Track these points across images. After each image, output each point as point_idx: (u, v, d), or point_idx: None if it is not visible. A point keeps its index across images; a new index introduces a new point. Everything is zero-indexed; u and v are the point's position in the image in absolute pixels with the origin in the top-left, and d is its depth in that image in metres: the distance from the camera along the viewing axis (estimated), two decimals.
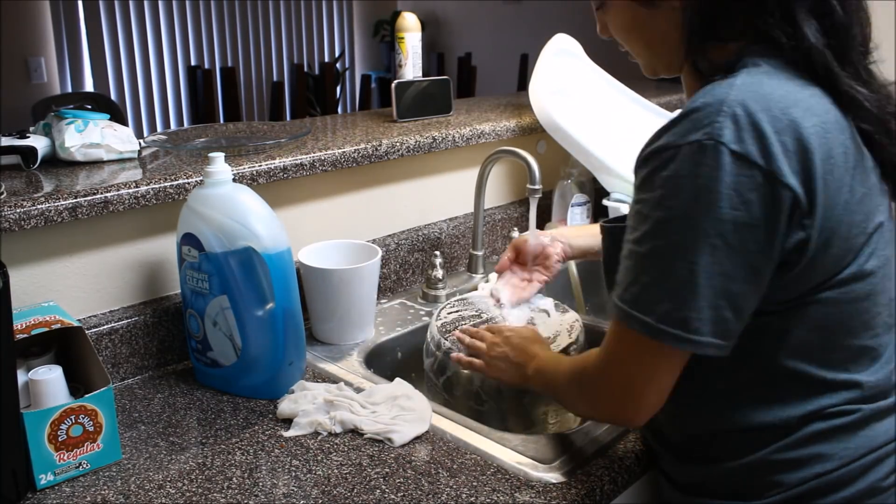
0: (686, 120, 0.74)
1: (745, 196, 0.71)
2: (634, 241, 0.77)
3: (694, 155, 0.72)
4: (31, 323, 0.95)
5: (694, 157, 0.72)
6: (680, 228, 0.73)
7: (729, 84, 0.75)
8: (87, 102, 3.99)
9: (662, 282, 0.74)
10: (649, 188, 0.75)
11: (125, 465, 0.95)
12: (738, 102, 0.72)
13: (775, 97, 0.74)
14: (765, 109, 0.72)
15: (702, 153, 0.71)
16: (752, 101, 0.73)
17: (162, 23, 5.14)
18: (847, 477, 0.80)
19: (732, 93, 0.73)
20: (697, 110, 0.74)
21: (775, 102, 0.73)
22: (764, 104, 0.73)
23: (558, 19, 4.96)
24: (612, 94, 1.79)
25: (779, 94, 0.74)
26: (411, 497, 0.88)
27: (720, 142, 0.71)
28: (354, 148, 1.38)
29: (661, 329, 0.74)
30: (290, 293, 1.08)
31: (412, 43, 1.68)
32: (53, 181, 1.14)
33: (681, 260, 0.73)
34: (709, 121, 0.72)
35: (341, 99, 5.86)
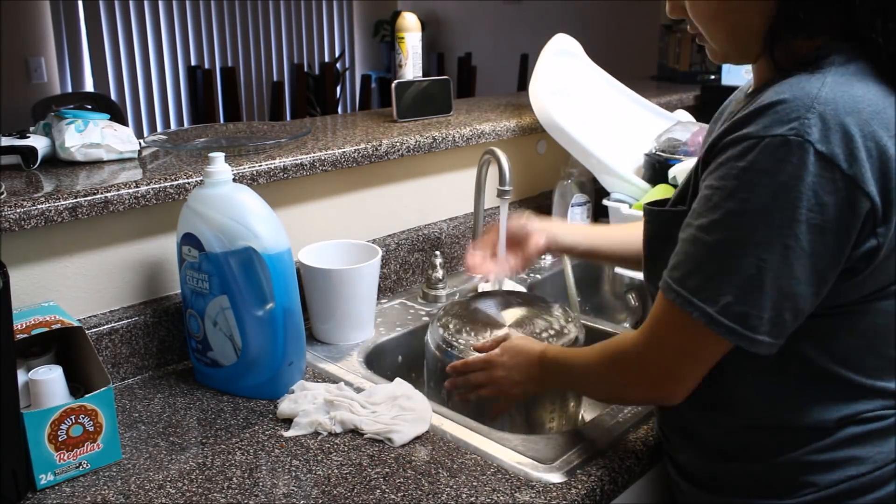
0: (771, 111, 0.71)
1: (824, 199, 0.69)
2: (701, 227, 0.75)
3: (777, 150, 0.70)
4: (31, 323, 0.95)
5: (776, 153, 0.70)
6: (753, 224, 0.71)
7: (819, 81, 0.72)
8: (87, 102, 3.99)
9: (729, 275, 0.73)
10: (724, 177, 0.73)
11: (125, 465, 0.95)
12: (829, 101, 0.70)
13: (865, 101, 0.72)
14: (854, 112, 0.70)
15: (786, 149, 0.69)
16: (843, 102, 0.71)
17: (162, 23, 5.14)
18: (879, 480, 0.80)
19: (824, 91, 0.71)
20: (784, 103, 0.71)
21: (865, 106, 0.71)
22: (853, 106, 0.71)
23: (558, 19, 4.96)
24: (612, 94, 1.79)
25: (868, 98, 0.72)
26: (411, 497, 0.88)
27: (807, 139, 0.69)
28: (354, 148, 1.38)
29: (720, 321, 0.73)
30: (290, 293, 1.08)
31: (412, 43, 1.68)
32: (53, 181, 1.14)
33: (750, 256, 0.71)
34: (796, 115, 0.70)
35: (341, 99, 5.86)
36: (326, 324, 1.28)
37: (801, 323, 0.76)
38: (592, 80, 1.77)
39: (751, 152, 0.71)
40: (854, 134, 0.70)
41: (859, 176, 0.70)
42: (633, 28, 4.52)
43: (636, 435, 1.03)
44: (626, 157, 1.69)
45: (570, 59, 1.74)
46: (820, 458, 0.81)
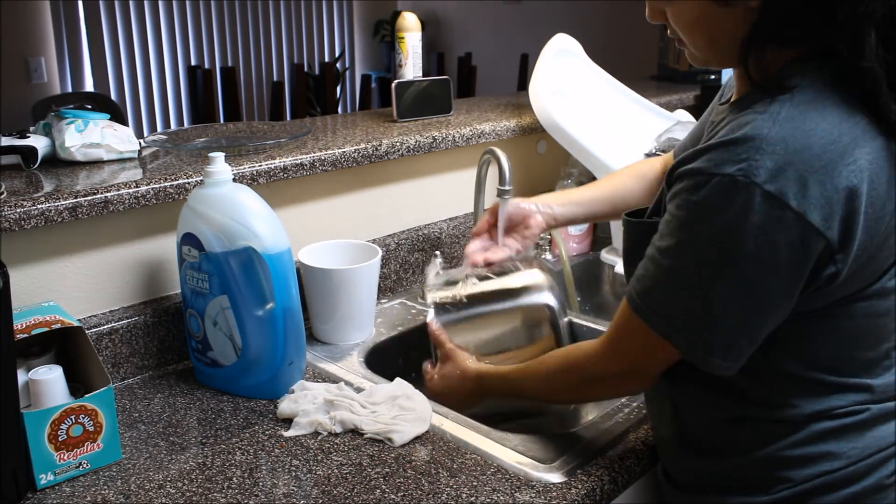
0: (724, 149, 0.73)
1: (772, 237, 0.71)
2: (659, 249, 0.79)
3: (725, 189, 0.71)
4: (31, 323, 0.95)
5: (724, 192, 0.72)
6: (702, 257, 0.74)
7: (772, 117, 0.73)
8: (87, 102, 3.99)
9: (681, 300, 0.77)
10: (679, 206, 0.76)
11: (125, 465, 0.95)
12: (779, 140, 0.71)
13: (817, 134, 0.72)
14: (805, 148, 0.71)
15: (733, 189, 0.71)
16: (793, 140, 0.71)
17: (162, 23, 5.14)
18: (854, 475, 0.80)
19: (775, 129, 0.72)
20: (737, 142, 0.73)
21: (817, 139, 0.72)
22: (805, 142, 0.71)
23: (558, 19, 4.96)
24: (612, 94, 1.79)
25: (822, 128, 0.72)
26: (411, 497, 0.88)
27: (754, 181, 0.70)
28: (354, 148, 1.38)
29: (679, 339, 0.78)
30: (290, 293, 1.08)
31: (412, 43, 1.68)
32: (53, 181, 1.14)
33: (699, 287, 0.75)
34: (746, 156, 0.71)
35: (341, 99, 5.87)
36: (326, 324, 1.28)
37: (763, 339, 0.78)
38: (592, 80, 1.77)
39: (702, 188, 0.73)
40: (803, 172, 0.70)
41: (810, 213, 0.70)
42: (633, 28, 4.52)
43: (636, 435, 1.03)
44: (626, 157, 1.69)
45: (570, 59, 1.74)
46: (794, 452, 0.81)
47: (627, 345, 0.85)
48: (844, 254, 0.73)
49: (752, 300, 0.74)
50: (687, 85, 2.39)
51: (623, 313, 0.84)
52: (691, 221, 0.75)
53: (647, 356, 0.83)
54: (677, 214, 0.76)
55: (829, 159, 0.71)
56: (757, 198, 0.70)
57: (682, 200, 0.75)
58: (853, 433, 0.81)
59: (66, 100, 4.19)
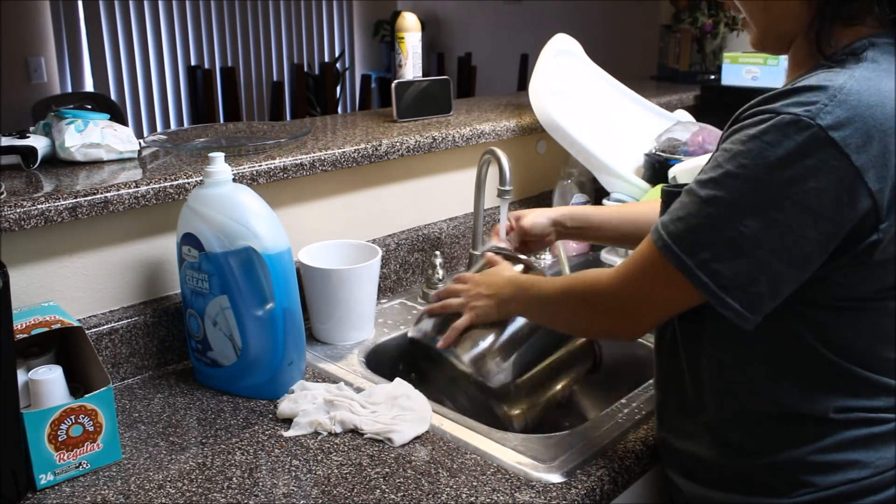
0: (795, 93, 0.72)
1: (823, 184, 0.70)
2: (698, 182, 0.77)
3: (787, 126, 0.71)
4: (31, 323, 0.95)
5: (786, 128, 0.71)
6: (745, 189, 0.72)
7: (849, 73, 0.73)
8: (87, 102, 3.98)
9: (710, 232, 0.74)
10: (734, 141, 0.74)
11: (125, 465, 0.95)
12: (853, 92, 0.71)
13: (892, 97, 0.72)
14: (877, 105, 0.71)
15: (795, 127, 0.70)
16: (867, 95, 0.71)
17: (162, 23, 5.14)
18: (879, 484, 0.80)
19: (850, 82, 0.72)
20: (809, 88, 0.72)
21: (891, 101, 0.71)
22: (878, 100, 0.71)
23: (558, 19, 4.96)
24: (612, 94, 1.79)
25: None
26: (411, 497, 0.88)
27: (819, 123, 0.69)
28: (354, 148, 1.38)
29: (695, 273, 0.75)
30: (290, 293, 1.08)
31: (412, 43, 1.68)
32: (53, 181, 1.14)
33: (734, 219, 0.73)
34: (816, 99, 0.71)
35: (341, 99, 5.87)
36: (326, 324, 1.28)
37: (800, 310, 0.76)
38: (592, 80, 1.77)
39: (763, 124, 0.72)
40: (871, 127, 0.70)
41: (864, 169, 0.70)
42: (633, 28, 4.52)
43: (636, 435, 1.03)
44: (626, 157, 1.69)
45: (570, 59, 1.74)
46: (822, 458, 0.80)
47: (641, 274, 0.82)
48: (889, 223, 0.72)
49: (785, 245, 0.72)
50: (687, 85, 2.39)
51: (646, 243, 0.81)
52: (742, 154, 0.73)
53: (659, 289, 0.81)
54: (729, 148, 0.74)
55: None
56: (818, 141, 0.69)
57: (739, 136, 0.74)
58: (882, 443, 0.80)
59: (66, 100, 4.19)
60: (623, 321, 0.87)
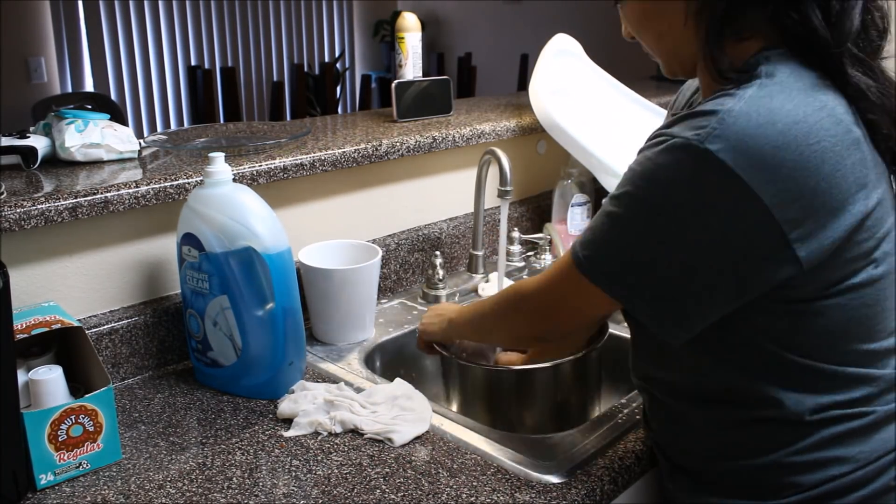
0: (691, 117, 0.75)
1: (714, 204, 0.72)
2: (609, 196, 0.81)
3: (678, 150, 0.73)
4: (31, 323, 0.95)
5: (677, 152, 0.73)
6: (637, 208, 0.77)
7: (740, 95, 0.75)
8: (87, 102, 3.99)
9: (609, 244, 0.80)
10: (636, 162, 0.78)
11: (125, 465, 0.95)
12: (742, 114, 0.72)
13: (783, 112, 0.73)
14: (767, 124, 0.72)
15: (685, 151, 0.73)
16: (756, 115, 0.72)
17: (162, 23, 5.14)
18: (863, 479, 0.80)
19: (739, 104, 0.73)
20: (703, 113, 0.74)
21: (782, 117, 0.72)
22: (768, 118, 0.72)
23: (558, 19, 4.96)
24: (612, 94, 1.79)
25: (787, 108, 0.73)
26: (411, 497, 0.88)
27: (707, 148, 0.71)
28: (354, 148, 1.38)
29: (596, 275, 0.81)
30: (290, 293, 1.08)
31: (412, 43, 1.68)
32: (53, 181, 1.14)
33: (627, 234, 0.78)
34: (706, 123, 0.73)
35: (341, 99, 5.87)
36: (326, 324, 1.28)
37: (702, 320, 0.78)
38: (592, 80, 1.77)
39: (658, 146, 0.76)
40: (762, 146, 0.71)
41: (762, 189, 0.71)
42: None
43: (636, 435, 1.03)
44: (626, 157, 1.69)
45: (570, 59, 1.74)
46: (803, 458, 0.81)
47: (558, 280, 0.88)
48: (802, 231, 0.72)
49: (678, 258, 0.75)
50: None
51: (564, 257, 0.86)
52: (639, 175, 0.77)
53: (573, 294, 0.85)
54: (631, 169, 0.79)
55: (792, 136, 0.72)
56: (706, 163, 0.71)
57: (640, 157, 0.78)
58: (860, 437, 0.80)
59: (66, 100, 4.19)
60: (548, 323, 0.93)
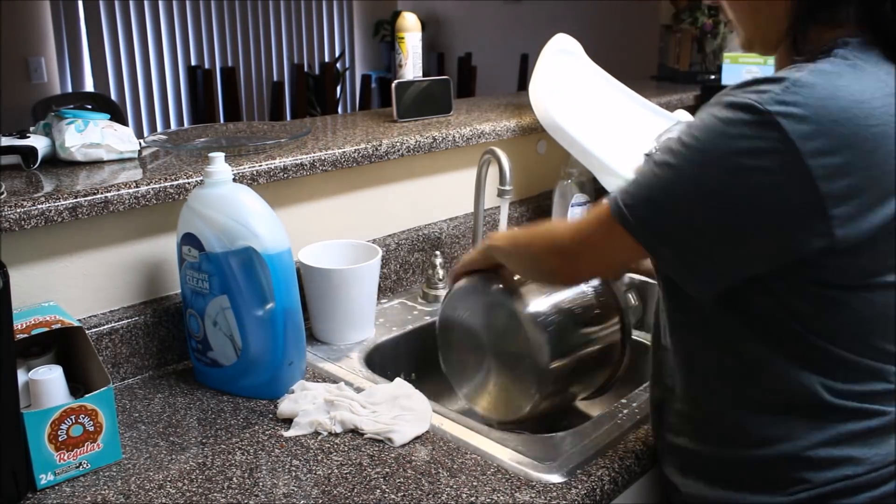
0: (758, 83, 0.76)
1: (765, 165, 0.73)
2: (659, 147, 0.83)
3: (738, 108, 0.75)
4: (31, 323, 0.95)
5: (737, 110, 0.75)
6: (692, 158, 0.77)
7: (808, 68, 0.76)
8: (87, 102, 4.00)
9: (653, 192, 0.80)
10: (696, 117, 0.80)
11: (125, 465, 0.95)
12: (806, 84, 0.74)
13: (848, 90, 0.74)
14: (829, 98, 0.73)
15: (745, 110, 0.74)
16: (820, 87, 0.74)
17: (162, 23, 5.14)
18: (875, 480, 0.80)
19: (806, 76, 0.75)
20: (768, 80, 0.76)
21: (846, 94, 0.74)
22: (831, 93, 0.74)
23: (558, 19, 4.96)
24: (612, 93, 1.79)
25: (853, 88, 0.75)
26: (411, 497, 0.89)
27: (767, 108, 0.73)
28: (354, 148, 1.38)
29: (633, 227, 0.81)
30: (290, 293, 1.08)
31: (412, 43, 1.68)
32: (53, 181, 1.14)
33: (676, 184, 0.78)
34: (769, 89, 0.74)
35: (341, 99, 5.86)
36: (326, 324, 1.28)
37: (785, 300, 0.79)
38: (592, 80, 1.77)
39: (718, 105, 0.78)
40: (820, 117, 0.72)
41: (813, 158, 0.72)
42: (633, 28, 4.52)
43: (636, 435, 1.03)
44: (626, 157, 1.69)
45: (570, 59, 1.74)
46: (818, 454, 0.81)
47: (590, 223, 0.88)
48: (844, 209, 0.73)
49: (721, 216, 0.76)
50: (687, 85, 2.39)
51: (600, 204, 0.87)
52: (696, 127, 0.78)
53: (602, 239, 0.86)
54: (688, 124, 0.80)
55: (852, 114, 0.73)
56: (765, 124, 0.73)
57: (699, 113, 0.80)
58: (879, 438, 0.80)
59: (66, 100, 4.19)
60: (574, 266, 0.94)
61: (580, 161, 1.62)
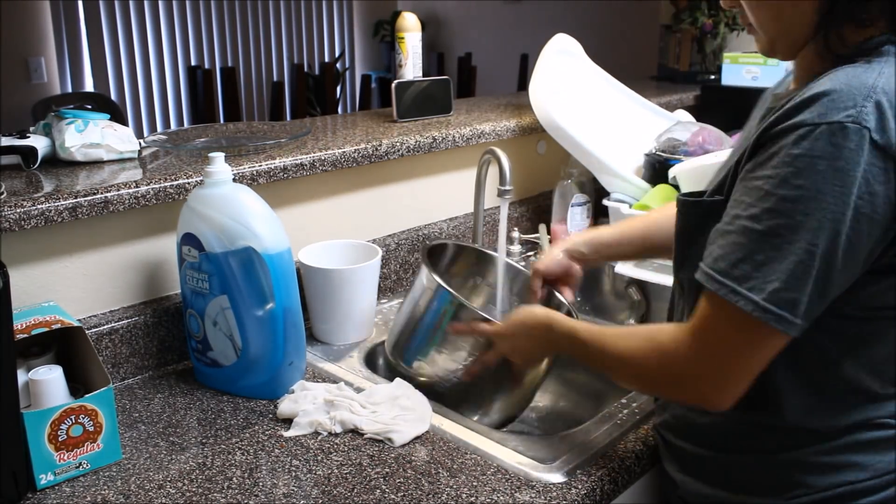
0: (826, 99, 0.71)
1: (875, 188, 0.69)
2: (750, 217, 0.73)
3: (834, 135, 0.69)
4: (31, 323, 0.95)
5: (833, 138, 0.69)
6: (808, 209, 0.70)
7: (876, 70, 0.72)
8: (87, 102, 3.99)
9: (779, 262, 0.71)
10: (777, 165, 0.72)
11: (125, 465, 0.95)
12: (887, 90, 0.70)
13: None
14: None
15: (843, 134, 0.68)
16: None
17: (162, 23, 5.14)
18: (876, 487, 0.80)
19: (881, 80, 0.71)
20: (838, 91, 0.70)
21: None
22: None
23: (558, 19, 4.96)
24: (612, 93, 1.79)
25: None
26: (411, 497, 0.89)
27: (865, 126, 0.68)
28: (354, 148, 1.38)
29: (769, 309, 0.71)
30: (290, 293, 1.08)
31: (412, 43, 1.68)
32: (53, 181, 1.14)
33: (802, 241, 0.70)
34: (853, 103, 0.69)
35: (341, 99, 5.86)
36: (326, 324, 1.28)
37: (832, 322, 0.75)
38: (592, 80, 1.77)
39: (805, 139, 0.70)
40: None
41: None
42: (633, 28, 4.52)
43: (636, 435, 1.03)
44: (626, 157, 1.69)
45: (570, 59, 1.74)
46: (820, 460, 0.80)
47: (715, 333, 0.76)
48: None
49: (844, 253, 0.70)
50: (687, 85, 2.39)
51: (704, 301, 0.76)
52: (794, 175, 0.70)
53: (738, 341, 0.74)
54: (775, 174, 0.71)
55: None
56: (867, 144, 0.68)
57: (781, 158, 0.71)
58: (883, 447, 0.80)
59: (66, 100, 4.19)
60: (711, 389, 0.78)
61: (580, 161, 1.62)
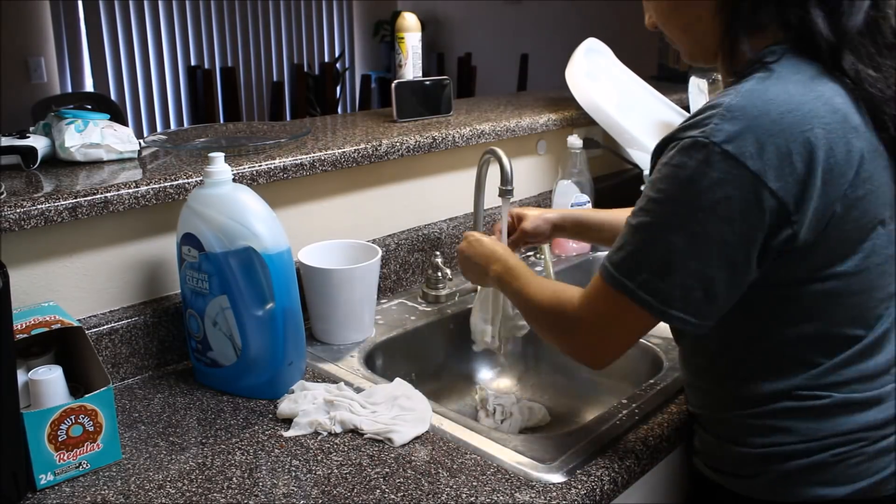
0: (693, 119, 0.82)
1: (729, 193, 0.78)
2: (633, 212, 0.86)
3: (687, 149, 0.80)
4: (31, 323, 0.95)
5: (687, 152, 0.80)
6: (664, 211, 0.82)
7: (735, 90, 0.82)
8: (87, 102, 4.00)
9: (644, 254, 0.83)
10: (654, 172, 0.85)
11: (125, 465, 0.95)
12: (737, 108, 0.79)
13: (777, 102, 0.80)
14: (762, 114, 0.79)
15: (694, 149, 0.79)
16: (752, 107, 0.79)
17: (162, 23, 5.14)
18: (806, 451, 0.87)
19: (736, 99, 0.80)
20: (702, 111, 0.82)
21: (775, 107, 0.79)
22: (763, 109, 0.79)
23: (558, 19, 4.97)
24: (639, 89, 1.87)
25: (781, 98, 0.80)
26: (411, 497, 0.89)
27: (712, 141, 0.78)
28: (354, 148, 1.38)
29: (638, 295, 0.83)
30: (290, 293, 1.08)
31: (412, 43, 1.68)
32: (53, 181, 1.14)
33: (661, 239, 0.82)
34: (707, 121, 0.80)
35: (341, 99, 5.87)
36: (326, 324, 1.28)
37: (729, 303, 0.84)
38: (622, 76, 1.86)
39: (671, 150, 0.82)
40: (759, 134, 0.78)
41: (765, 173, 0.77)
42: (633, 28, 4.51)
43: (636, 435, 1.03)
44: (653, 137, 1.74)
45: (600, 57, 1.84)
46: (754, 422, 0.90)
47: (596, 304, 0.89)
48: (800, 215, 0.79)
49: (709, 252, 0.80)
50: (686, 85, 2.39)
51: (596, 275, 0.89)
52: (659, 181, 0.83)
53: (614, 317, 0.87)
54: (652, 178, 0.85)
55: (787, 124, 0.78)
56: (715, 156, 0.78)
57: (658, 167, 0.84)
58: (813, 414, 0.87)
59: (66, 100, 4.19)
60: (587, 351, 0.94)
61: (613, 136, 1.69)
